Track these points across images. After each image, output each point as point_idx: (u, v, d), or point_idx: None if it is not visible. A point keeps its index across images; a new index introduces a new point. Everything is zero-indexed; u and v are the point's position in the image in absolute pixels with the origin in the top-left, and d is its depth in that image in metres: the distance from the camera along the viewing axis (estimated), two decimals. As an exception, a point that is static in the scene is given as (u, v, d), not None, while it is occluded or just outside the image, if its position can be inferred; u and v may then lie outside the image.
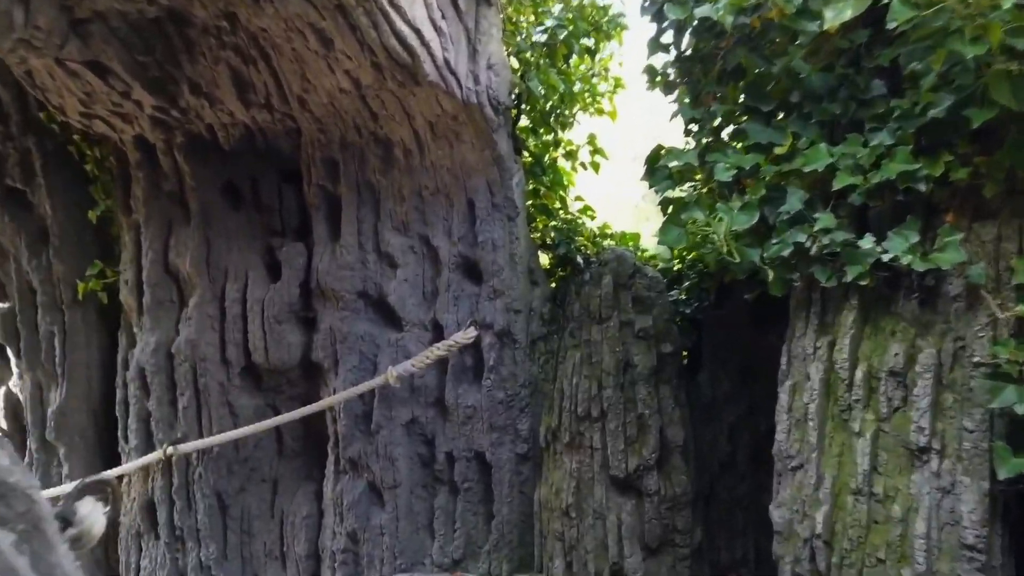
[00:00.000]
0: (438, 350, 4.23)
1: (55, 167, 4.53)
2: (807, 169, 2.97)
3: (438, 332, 4.46)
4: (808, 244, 2.97)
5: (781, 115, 3.25)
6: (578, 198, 5.02)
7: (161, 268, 4.49)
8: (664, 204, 3.41)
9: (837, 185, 2.89)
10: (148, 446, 4.55)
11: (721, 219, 3.02)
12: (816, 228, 2.95)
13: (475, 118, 4.01)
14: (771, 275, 3.06)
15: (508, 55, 4.20)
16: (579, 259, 4.70)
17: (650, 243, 5.41)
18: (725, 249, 3.00)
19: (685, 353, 4.66)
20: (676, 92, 3.66)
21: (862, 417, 2.91)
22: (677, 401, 4.27)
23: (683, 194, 3.24)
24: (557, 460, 4.31)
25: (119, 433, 4.65)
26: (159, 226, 4.48)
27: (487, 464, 4.38)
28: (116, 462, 4.72)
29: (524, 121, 4.93)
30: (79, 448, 4.76)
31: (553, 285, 5.10)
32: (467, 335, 4.25)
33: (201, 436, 4.47)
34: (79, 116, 4.06)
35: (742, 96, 3.29)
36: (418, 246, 4.49)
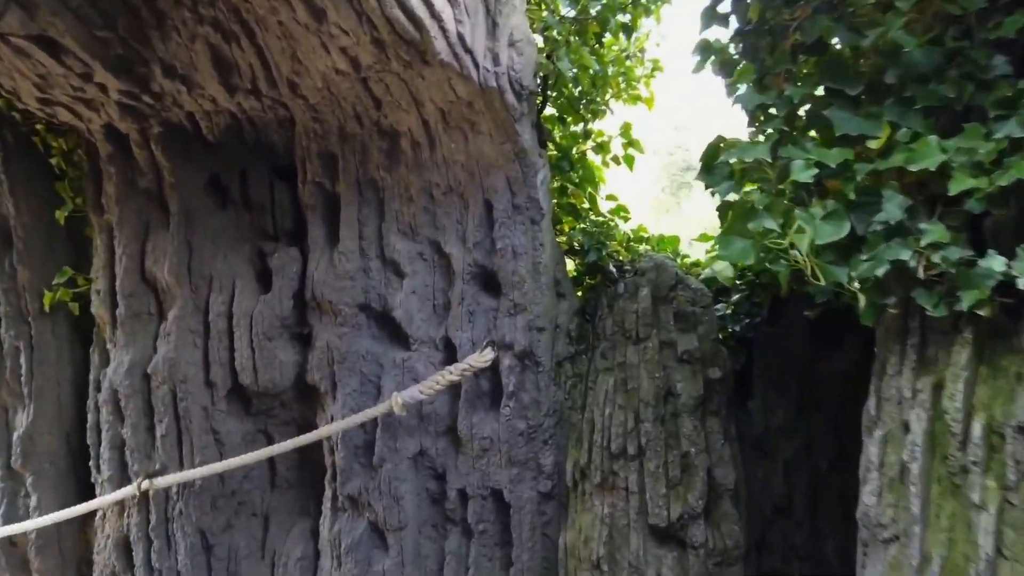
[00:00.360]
0: (450, 375, 3.66)
1: (17, 161, 4.01)
2: (914, 168, 2.35)
3: (450, 352, 3.89)
4: (912, 262, 2.36)
5: (873, 100, 2.63)
6: (610, 197, 4.41)
7: (137, 276, 3.95)
8: (723, 210, 2.79)
9: (955, 189, 2.27)
10: (123, 478, 4.03)
11: (802, 230, 2.40)
12: (924, 243, 2.34)
13: (494, 105, 3.42)
14: (862, 300, 2.45)
15: (533, 31, 3.60)
16: (611, 267, 4.10)
17: (691, 249, 4.81)
18: (808, 269, 2.39)
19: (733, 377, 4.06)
20: (736, 73, 3.03)
21: (982, 484, 2.30)
22: (727, 436, 3.67)
23: (750, 198, 2.62)
24: (586, 502, 3.73)
25: (91, 462, 4.13)
26: (134, 228, 3.94)
27: (505, 503, 3.81)
28: (91, 493, 4.21)
29: (549, 109, 4.34)
30: (49, 477, 4.26)
31: (580, 293, 4.51)
32: (483, 357, 3.67)
33: (181, 467, 3.94)
34: (37, 103, 3.52)
35: (823, 77, 2.66)
36: (428, 253, 3.91)
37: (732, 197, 2.71)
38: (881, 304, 2.49)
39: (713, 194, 2.86)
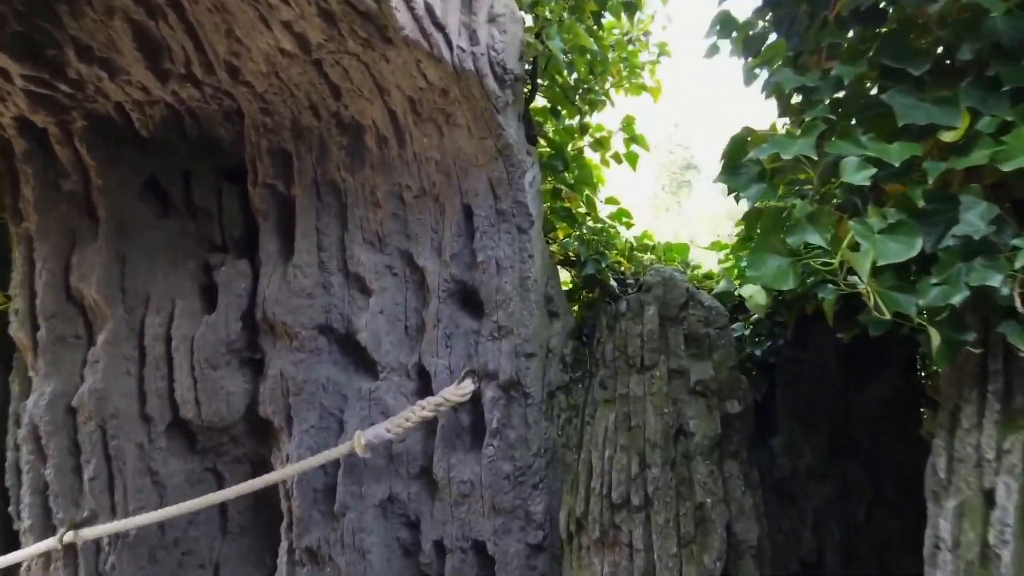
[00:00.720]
0: (422, 410, 3.11)
1: (-79, 160, 3.45)
2: (1007, 167, 1.81)
3: (424, 381, 3.35)
4: (1003, 288, 1.82)
5: (943, 82, 2.08)
6: (610, 200, 3.86)
7: (60, 294, 3.40)
8: (751, 219, 2.26)
9: (1067, 195, 1.73)
10: (47, 527, 3.47)
11: (860, 247, 1.86)
12: (1019, 264, 1.80)
13: (472, 92, 2.87)
14: (935, 337, 1.90)
15: (520, 7, 3.05)
16: (612, 282, 3.56)
17: (701, 258, 4.27)
18: (869, 298, 1.85)
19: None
20: (763, 52, 2.49)
21: (1099, 580, 1.76)
22: (748, 482, 3.13)
23: (786, 205, 2.08)
24: (583, 559, 3.18)
25: (12, 508, 3.58)
26: (57, 238, 3.39)
27: (489, 558, 3.27)
28: (16, 543, 3.65)
29: (540, 100, 3.80)
30: (-34, 522, 3.70)
31: (575, 309, 3.97)
32: (461, 390, 3.12)
33: (114, 515, 3.39)
34: (-71, 91, 2.97)
35: (880, 52, 2.12)
36: (398, 266, 3.36)
37: (767, 204, 2.16)
38: (959, 341, 1.95)
39: (738, 199, 2.32)
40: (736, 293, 3.98)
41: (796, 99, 2.35)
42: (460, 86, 2.84)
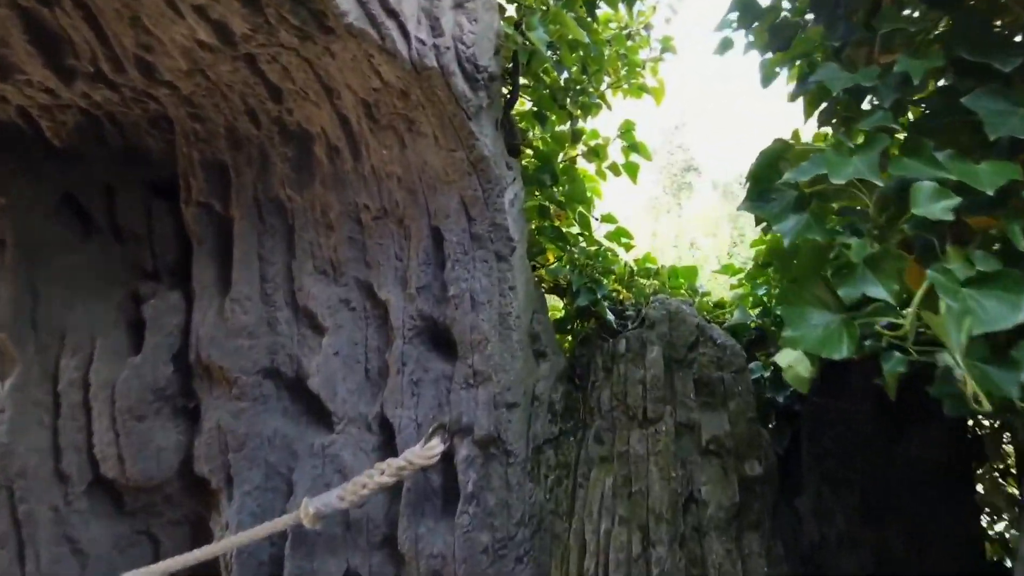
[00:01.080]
0: (381, 475, 2.60)
1: None
2: None
3: (387, 435, 2.84)
4: None
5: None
6: (606, 218, 3.35)
7: (-41, 332, 2.88)
8: (785, 260, 1.75)
9: None
10: (-54, 604, 2.96)
11: (944, 306, 1.35)
12: None
13: (437, 95, 2.36)
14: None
15: (496, -8, 2.54)
16: (609, 315, 3.04)
17: (711, 284, 3.76)
18: (965, 381, 1.34)
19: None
20: (796, 43, 1.98)
21: None
22: (771, 558, 2.63)
23: (836, 242, 1.57)
24: (574, 651, 2.68)
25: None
26: (-45, 267, 2.88)
27: (464, 644, 2.76)
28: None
29: (525, 104, 3.29)
30: None
31: (566, 342, 3.46)
32: (429, 451, 2.61)
33: (23, 591, 2.88)
34: None
35: (956, 42, 1.61)
36: (356, 300, 2.86)
37: (809, 239, 1.64)
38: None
39: (767, 230, 1.81)
40: (707, 296, 3.49)
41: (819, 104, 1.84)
42: (422, 87, 2.33)
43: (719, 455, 2.63)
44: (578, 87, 3.06)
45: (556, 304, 3.65)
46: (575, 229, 3.38)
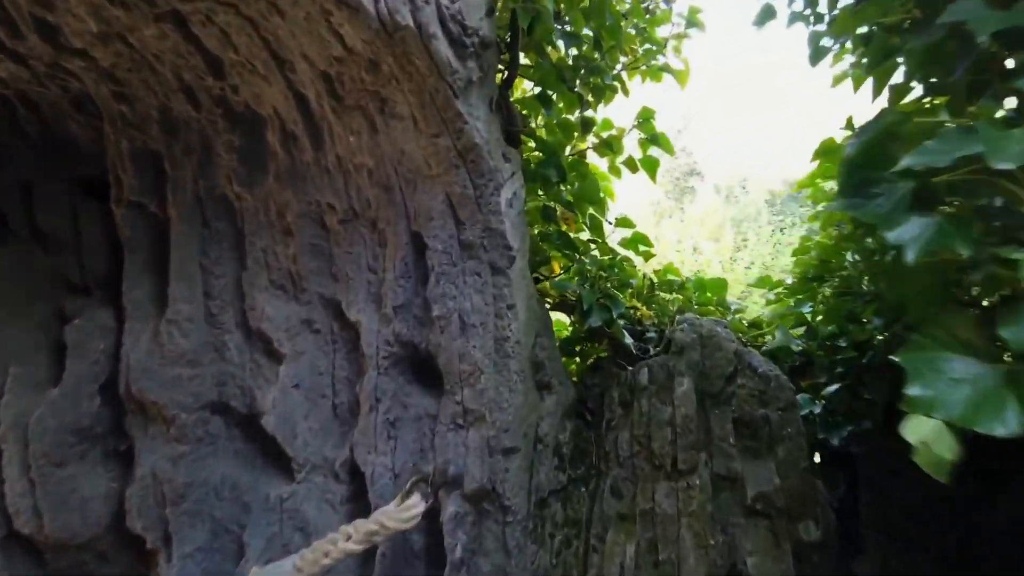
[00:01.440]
0: (347, 541, 2.08)
1: None
2: None
3: (358, 484, 2.33)
4: None
5: None
6: (621, 222, 2.84)
7: None
8: (899, 283, 1.24)
9: None
10: None
11: None
12: None
13: (414, 64, 1.86)
14: None
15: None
16: (627, 338, 2.54)
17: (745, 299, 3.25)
18: None
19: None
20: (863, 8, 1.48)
21: None
22: (832, 645, 2.11)
23: (974, 256, 1.06)
24: None
25: None
26: None
27: None
28: None
29: (525, 84, 2.79)
30: None
31: (575, 364, 2.96)
32: (407, 512, 2.09)
33: (-82, 673, 2.38)
34: None
35: None
36: (321, 320, 2.36)
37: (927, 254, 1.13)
38: None
39: (867, 234, 1.31)
40: (740, 313, 2.96)
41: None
42: (395, 54, 1.83)
43: (767, 516, 2.12)
44: (589, 64, 2.56)
45: (561, 320, 3.15)
46: (585, 234, 2.87)
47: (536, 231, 2.75)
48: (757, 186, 20.93)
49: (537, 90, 2.58)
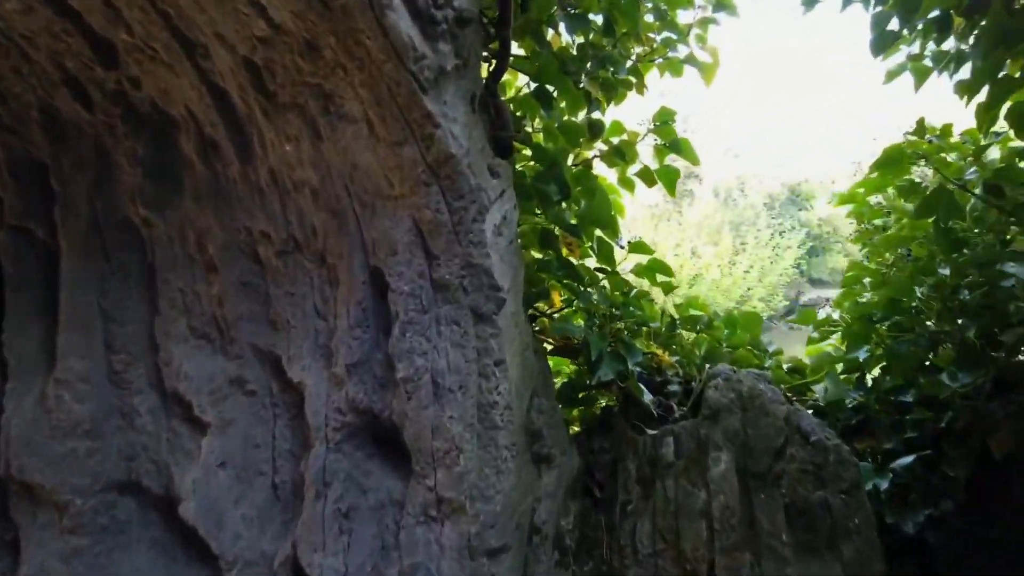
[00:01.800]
0: None
1: None
2: None
3: (304, 590, 1.82)
4: None
5: None
6: (636, 246, 2.33)
7: None
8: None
9: None
10: None
11: None
12: None
13: (365, 47, 1.35)
14: None
15: None
16: (646, 395, 2.03)
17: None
18: None
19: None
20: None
21: None
22: None
23: None
24: None
25: None
26: None
27: None
28: None
29: (519, 79, 2.28)
30: None
31: (579, 409, 2.44)
32: (358, 641, 1.58)
33: None
34: None
35: None
36: (256, 380, 1.84)
37: None
38: None
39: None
40: (777, 354, 2.46)
41: None
42: (337, 32, 1.32)
43: (834, 643, 1.62)
44: (599, 54, 2.05)
45: (562, 360, 2.63)
46: (592, 261, 2.36)
47: (535, 257, 2.24)
48: (755, 189, 20.50)
49: (534, 86, 2.07)
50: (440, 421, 1.68)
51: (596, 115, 2.41)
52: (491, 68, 1.81)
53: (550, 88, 2.03)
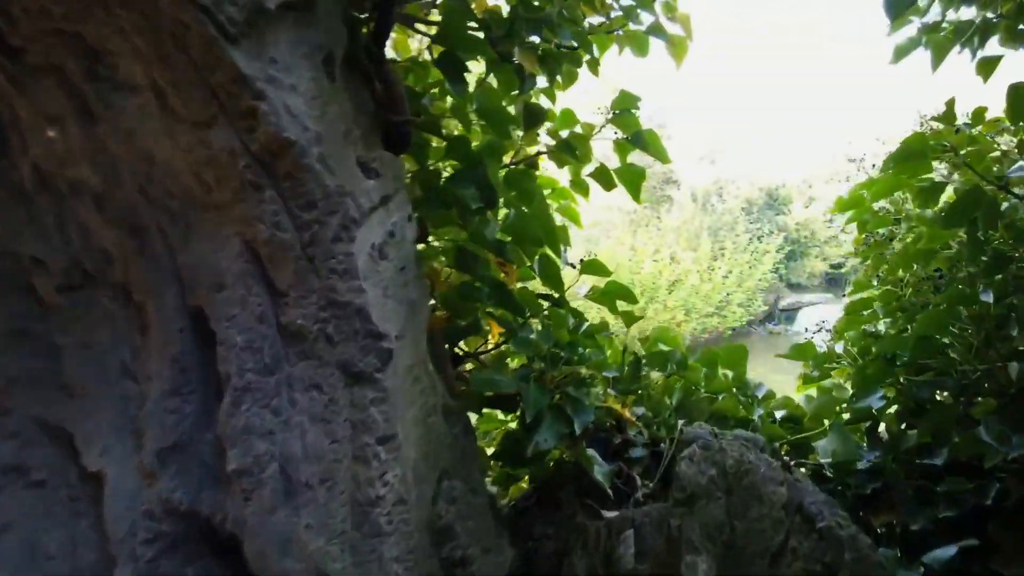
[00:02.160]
0: None
1: None
2: None
3: None
4: None
5: None
6: (591, 265, 1.82)
7: None
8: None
9: None
10: None
11: None
12: None
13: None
14: None
15: None
16: (598, 467, 1.51)
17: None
18: None
19: None
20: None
21: None
22: None
23: None
24: None
25: None
26: None
27: None
28: None
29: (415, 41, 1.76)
30: None
31: (510, 470, 1.91)
32: None
33: None
34: None
35: None
36: (46, 465, 1.30)
37: None
38: None
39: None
40: (785, 401, 1.98)
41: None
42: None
43: None
44: (538, 17, 1.55)
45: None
46: (535, 282, 1.85)
47: (449, 282, 1.72)
48: (733, 193, 20.24)
49: (442, 51, 1.53)
50: (293, 531, 1.15)
51: (539, 100, 1.90)
52: (373, 25, 1.29)
53: (462, 56, 1.51)
